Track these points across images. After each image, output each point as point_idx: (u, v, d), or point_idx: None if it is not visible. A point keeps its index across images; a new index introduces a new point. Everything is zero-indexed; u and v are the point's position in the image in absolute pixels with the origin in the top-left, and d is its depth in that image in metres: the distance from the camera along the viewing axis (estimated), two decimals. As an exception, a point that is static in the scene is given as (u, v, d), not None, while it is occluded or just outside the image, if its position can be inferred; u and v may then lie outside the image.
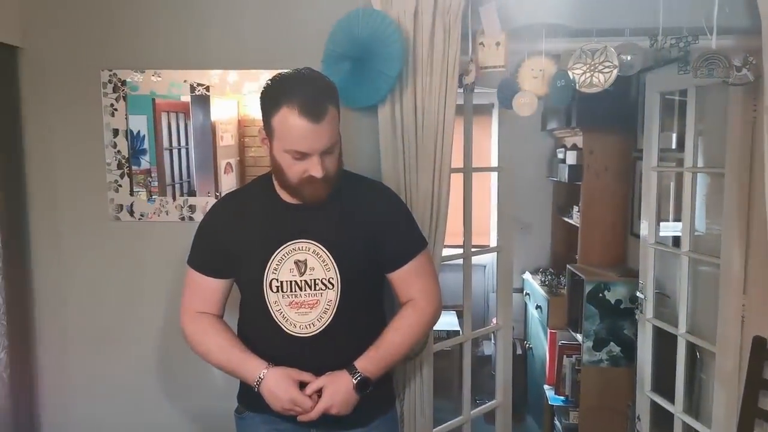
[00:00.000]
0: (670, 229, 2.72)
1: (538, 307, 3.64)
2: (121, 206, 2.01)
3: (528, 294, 3.95)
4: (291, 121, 1.29)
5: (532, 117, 3.90)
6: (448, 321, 3.81)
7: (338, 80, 1.84)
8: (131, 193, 2.01)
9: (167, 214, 2.01)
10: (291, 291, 1.42)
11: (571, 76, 1.76)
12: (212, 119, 1.97)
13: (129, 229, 2.03)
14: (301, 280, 1.42)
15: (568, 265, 3.31)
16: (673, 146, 2.74)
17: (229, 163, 2.00)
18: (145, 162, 2.00)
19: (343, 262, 1.42)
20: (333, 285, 1.42)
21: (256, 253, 1.44)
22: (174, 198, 2.01)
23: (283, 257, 1.42)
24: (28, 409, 2.04)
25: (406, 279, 1.50)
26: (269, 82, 1.37)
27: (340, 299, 1.42)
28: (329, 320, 1.42)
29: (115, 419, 2.09)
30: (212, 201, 1.95)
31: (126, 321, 2.05)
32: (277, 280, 1.42)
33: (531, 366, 3.83)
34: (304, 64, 1.85)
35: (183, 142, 1.99)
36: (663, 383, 2.64)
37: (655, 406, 2.67)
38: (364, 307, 1.49)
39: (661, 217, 2.70)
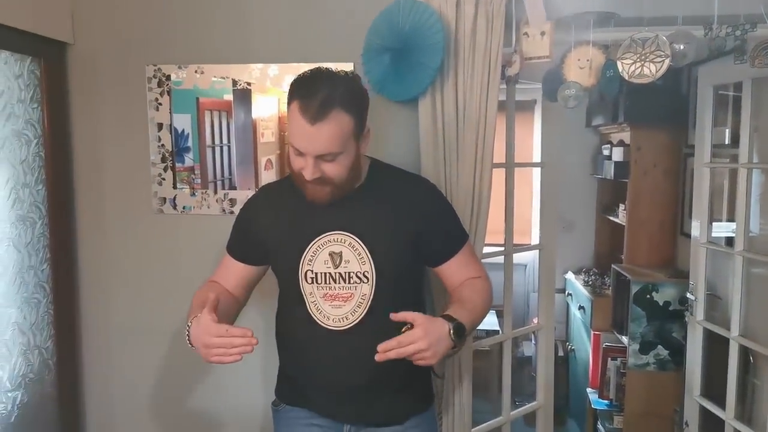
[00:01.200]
0: (722, 229, 2.61)
1: (581, 307, 3.55)
2: (164, 199, 2.04)
3: (570, 294, 3.85)
4: (293, 115, 1.28)
5: (576, 113, 3.86)
6: (487, 320, 3.75)
7: (378, 73, 1.84)
8: (174, 186, 2.03)
9: (209, 207, 2.03)
10: (326, 283, 1.40)
11: (620, 67, 1.70)
12: (253, 116, 1.99)
13: (172, 222, 2.05)
14: (335, 273, 1.40)
15: (613, 265, 3.22)
16: (727, 141, 2.62)
17: (269, 160, 2.01)
18: (189, 159, 2.02)
19: (378, 256, 1.39)
20: (368, 279, 1.39)
21: (291, 243, 1.43)
22: (215, 191, 2.02)
23: (319, 248, 1.41)
24: (73, 396, 2.09)
25: (455, 270, 1.49)
26: (303, 72, 1.35)
27: (375, 294, 1.40)
28: (363, 314, 1.40)
29: (158, 409, 2.12)
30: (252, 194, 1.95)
31: (168, 312, 2.07)
32: (312, 271, 1.41)
33: (573, 368, 3.74)
34: (345, 57, 1.88)
35: (225, 140, 2.01)
36: (713, 388, 2.53)
37: (704, 412, 2.56)
38: (400, 303, 1.45)
39: (713, 217, 2.59)
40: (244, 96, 1.98)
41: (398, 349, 1.22)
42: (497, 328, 3.62)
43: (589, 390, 3.32)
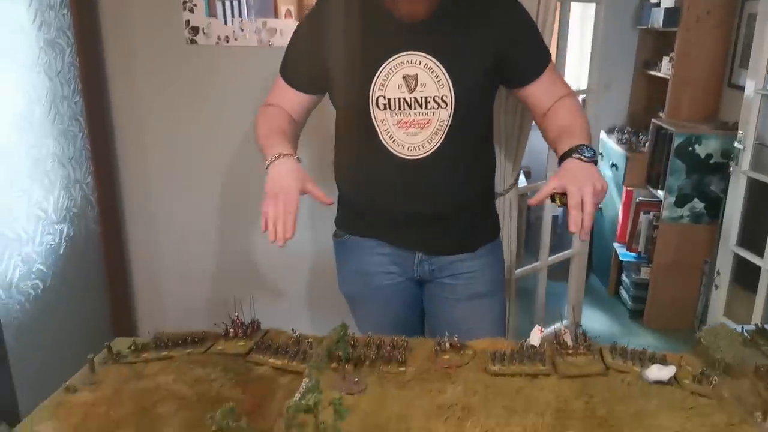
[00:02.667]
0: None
1: (613, 165, 3.48)
2: (197, 29, 1.90)
3: (601, 153, 3.77)
4: None
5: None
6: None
7: None
8: (208, 13, 1.89)
9: (246, 37, 1.90)
10: (399, 109, 1.28)
11: None
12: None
13: (205, 54, 1.93)
14: (410, 98, 1.27)
15: (653, 119, 3.10)
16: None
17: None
18: None
19: (458, 79, 1.26)
20: (446, 104, 1.27)
21: (359, 66, 1.29)
22: (254, 20, 1.88)
23: (391, 71, 1.27)
24: (116, 231, 2.10)
25: (545, 89, 1.33)
26: None
27: (453, 119, 1.28)
28: (440, 142, 1.29)
29: (200, 247, 2.13)
30: (294, 25, 1.81)
31: (205, 149, 2.02)
32: (384, 96, 1.27)
33: (600, 226, 3.74)
34: None
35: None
36: (750, 239, 2.53)
37: (737, 261, 2.58)
38: (478, 129, 1.36)
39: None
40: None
41: (586, 218, 1.07)
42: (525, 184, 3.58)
43: (616, 244, 3.34)
